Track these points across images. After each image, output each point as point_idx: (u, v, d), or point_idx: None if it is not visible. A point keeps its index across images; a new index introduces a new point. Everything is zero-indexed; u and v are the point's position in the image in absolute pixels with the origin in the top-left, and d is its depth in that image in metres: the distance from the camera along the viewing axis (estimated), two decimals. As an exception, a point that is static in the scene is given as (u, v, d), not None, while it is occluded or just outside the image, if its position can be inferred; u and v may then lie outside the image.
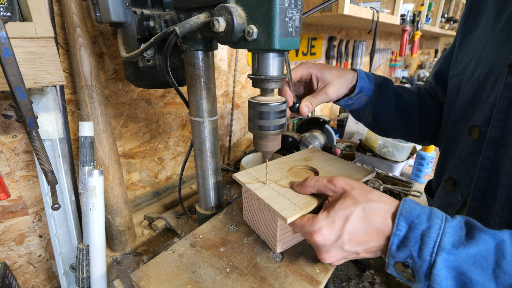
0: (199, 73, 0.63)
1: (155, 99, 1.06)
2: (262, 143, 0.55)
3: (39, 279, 0.90)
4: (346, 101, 0.66)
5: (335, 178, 0.51)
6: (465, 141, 0.55)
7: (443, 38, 5.24)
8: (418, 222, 0.40)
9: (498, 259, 0.36)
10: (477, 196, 0.52)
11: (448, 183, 0.59)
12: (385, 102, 0.69)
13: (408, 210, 0.42)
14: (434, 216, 0.41)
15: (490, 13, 0.55)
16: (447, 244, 0.38)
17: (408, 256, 0.40)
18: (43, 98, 0.70)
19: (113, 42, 0.89)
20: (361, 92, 0.65)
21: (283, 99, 0.52)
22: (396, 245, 0.41)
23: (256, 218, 0.64)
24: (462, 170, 0.56)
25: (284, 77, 0.51)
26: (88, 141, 0.76)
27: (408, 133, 0.76)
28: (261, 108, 0.51)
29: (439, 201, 0.63)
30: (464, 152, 0.55)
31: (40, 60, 0.59)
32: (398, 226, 0.41)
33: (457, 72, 0.62)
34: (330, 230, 0.45)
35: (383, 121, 0.72)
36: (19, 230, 0.82)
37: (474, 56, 0.57)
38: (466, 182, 0.55)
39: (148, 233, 1.00)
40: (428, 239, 0.39)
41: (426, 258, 0.38)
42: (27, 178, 0.80)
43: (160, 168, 1.17)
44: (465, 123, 0.56)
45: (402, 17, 1.94)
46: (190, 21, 0.49)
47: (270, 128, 0.52)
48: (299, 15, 0.45)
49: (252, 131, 0.55)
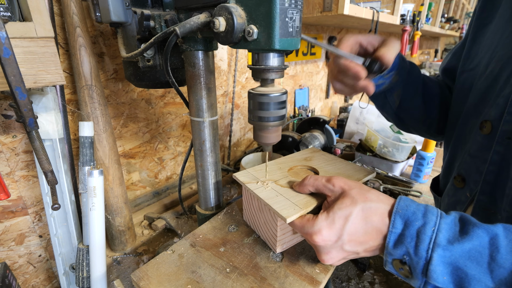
0: (199, 73, 0.63)
1: (155, 99, 1.06)
2: (262, 135, 0.55)
3: (39, 279, 0.89)
4: (378, 80, 0.62)
5: (334, 178, 0.51)
6: (476, 137, 0.54)
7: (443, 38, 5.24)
8: (414, 219, 0.41)
9: (492, 253, 0.36)
10: (485, 191, 0.51)
11: (457, 180, 0.58)
12: (413, 85, 0.66)
13: (404, 208, 0.43)
14: (429, 213, 0.41)
15: (506, 5, 0.54)
16: (442, 240, 0.38)
17: (404, 253, 0.41)
18: (43, 98, 0.70)
19: (113, 42, 0.89)
20: (393, 70, 0.62)
21: (284, 90, 0.52)
22: (393, 242, 0.42)
23: (256, 218, 0.64)
24: (471, 167, 0.55)
25: (284, 68, 0.50)
26: (88, 141, 0.76)
27: (427, 124, 0.73)
28: (261, 99, 0.50)
29: (448, 199, 0.62)
30: (474, 148, 0.54)
31: (40, 60, 0.59)
32: (394, 223, 0.42)
33: (471, 67, 0.60)
34: (330, 231, 0.45)
35: (408, 108, 0.69)
36: (19, 230, 0.82)
37: (489, 49, 0.56)
38: (475, 178, 0.54)
39: (148, 233, 0.99)
40: (423, 235, 0.39)
41: (422, 254, 0.39)
42: (27, 178, 0.80)
43: (160, 168, 1.17)
44: (476, 118, 0.55)
45: (402, 17, 1.93)
46: (190, 21, 0.49)
47: (270, 119, 0.52)
48: (299, 15, 0.45)
49: (252, 123, 0.54)
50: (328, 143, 1.44)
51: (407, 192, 1.10)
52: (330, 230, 0.45)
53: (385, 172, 1.26)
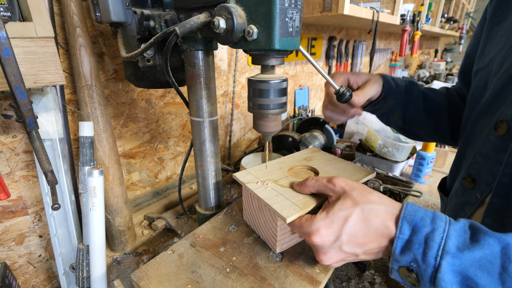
0: (199, 73, 0.63)
1: (155, 99, 1.06)
2: (262, 123, 0.54)
3: (39, 279, 0.89)
4: (374, 106, 0.68)
5: (335, 178, 0.50)
6: (489, 137, 0.52)
7: (443, 38, 5.25)
8: (422, 225, 0.40)
9: (504, 263, 0.35)
10: (499, 194, 0.49)
11: (467, 180, 0.57)
12: (413, 104, 0.69)
13: (411, 213, 0.41)
14: (438, 219, 0.40)
15: None
16: (451, 247, 0.37)
17: (412, 260, 0.39)
18: (43, 98, 0.70)
19: (113, 42, 0.89)
20: (388, 96, 0.67)
21: (284, 77, 0.51)
22: (400, 248, 0.41)
23: (256, 218, 0.64)
24: (483, 167, 0.53)
25: (285, 53, 0.50)
26: (88, 141, 0.76)
27: (439, 135, 0.74)
28: (261, 86, 0.49)
29: (455, 200, 0.61)
30: (486, 148, 0.53)
31: (40, 60, 0.59)
32: (402, 229, 0.41)
33: (483, 66, 0.59)
34: (329, 231, 0.45)
35: (413, 124, 0.72)
36: (19, 230, 0.81)
37: (503, 47, 0.55)
38: (487, 179, 0.52)
39: (148, 233, 0.99)
40: (432, 242, 0.38)
41: (431, 262, 0.37)
42: (27, 178, 0.80)
43: (160, 168, 1.17)
44: (489, 118, 0.53)
45: (402, 17, 1.93)
46: (190, 21, 0.49)
47: (270, 107, 0.51)
48: (299, 15, 0.45)
49: (251, 111, 0.53)
50: (328, 143, 1.44)
51: (407, 192, 1.10)
52: (329, 229, 0.45)
53: (385, 172, 1.26)
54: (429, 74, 3.97)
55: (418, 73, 3.91)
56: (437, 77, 3.91)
